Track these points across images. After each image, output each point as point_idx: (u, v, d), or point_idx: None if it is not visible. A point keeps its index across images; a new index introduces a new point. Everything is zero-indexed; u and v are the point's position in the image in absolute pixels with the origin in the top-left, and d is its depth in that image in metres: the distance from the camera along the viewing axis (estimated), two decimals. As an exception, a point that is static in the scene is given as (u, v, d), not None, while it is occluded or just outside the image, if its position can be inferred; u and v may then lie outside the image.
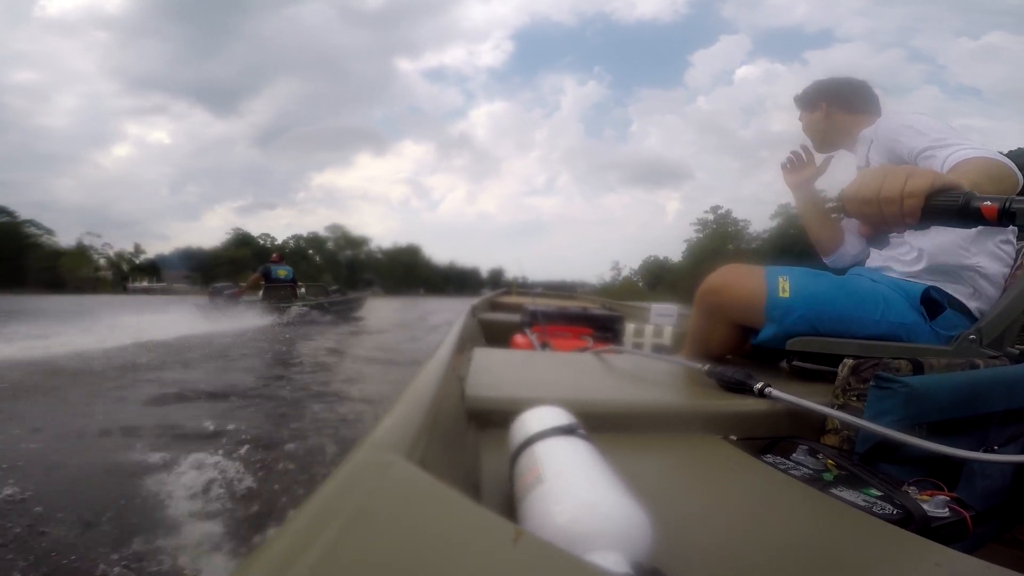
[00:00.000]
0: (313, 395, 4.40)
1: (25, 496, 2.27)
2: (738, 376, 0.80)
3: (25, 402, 3.91)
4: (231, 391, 4.39)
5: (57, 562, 1.86)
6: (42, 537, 1.99)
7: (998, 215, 0.62)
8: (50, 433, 3.17)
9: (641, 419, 0.71)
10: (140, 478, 2.50)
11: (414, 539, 0.20)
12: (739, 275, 1.15)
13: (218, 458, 2.71)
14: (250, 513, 2.25)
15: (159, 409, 3.81)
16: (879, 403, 0.68)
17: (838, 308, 1.07)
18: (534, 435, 0.40)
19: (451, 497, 0.23)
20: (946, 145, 0.99)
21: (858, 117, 1.34)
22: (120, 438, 3.12)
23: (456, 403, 0.61)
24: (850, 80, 1.41)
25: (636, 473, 0.37)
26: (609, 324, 2.03)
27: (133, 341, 6.95)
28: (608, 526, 0.28)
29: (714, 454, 0.64)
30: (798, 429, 0.73)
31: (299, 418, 3.65)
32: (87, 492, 2.38)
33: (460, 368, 0.83)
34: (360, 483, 0.24)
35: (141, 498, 2.33)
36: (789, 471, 0.58)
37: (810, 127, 1.44)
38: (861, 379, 0.75)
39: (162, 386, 4.45)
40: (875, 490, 0.54)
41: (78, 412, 3.65)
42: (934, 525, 0.50)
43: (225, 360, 6.09)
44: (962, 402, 0.72)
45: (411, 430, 0.32)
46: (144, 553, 1.93)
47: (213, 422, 3.34)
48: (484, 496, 0.45)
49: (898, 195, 0.68)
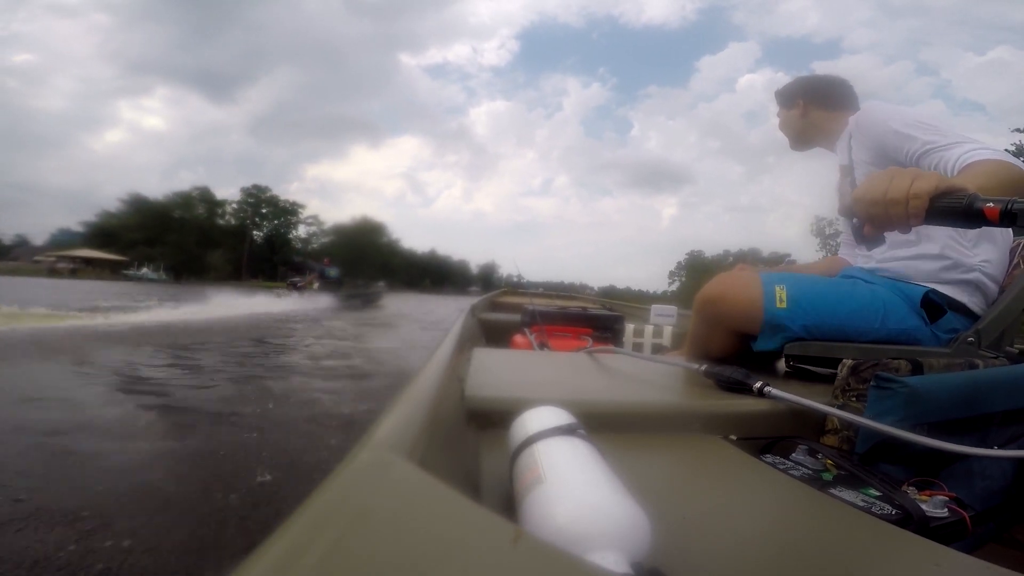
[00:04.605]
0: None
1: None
2: (737, 376, 0.80)
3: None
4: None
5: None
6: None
7: (1000, 216, 0.63)
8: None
9: (640, 419, 0.71)
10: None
11: (414, 539, 0.20)
12: (736, 284, 1.15)
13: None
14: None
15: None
16: (879, 403, 0.68)
17: (838, 317, 1.06)
18: (534, 435, 0.40)
19: (451, 497, 0.23)
20: (957, 145, 0.98)
21: (835, 114, 1.34)
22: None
23: (456, 403, 0.61)
24: (830, 77, 1.41)
25: (636, 473, 0.37)
26: (609, 324, 2.03)
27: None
28: (608, 526, 0.28)
29: (714, 454, 0.64)
30: (797, 429, 0.73)
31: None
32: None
33: (460, 368, 0.83)
34: (360, 483, 0.24)
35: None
36: (788, 471, 0.58)
37: (786, 124, 1.43)
38: (860, 379, 0.75)
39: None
40: (874, 490, 0.54)
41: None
42: (933, 525, 0.50)
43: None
44: (962, 402, 0.72)
45: (411, 430, 0.32)
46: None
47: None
48: (484, 496, 0.45)
49: (904, 197, 0.69)
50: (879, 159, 1.13)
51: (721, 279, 1.19)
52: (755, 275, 1.14)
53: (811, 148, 1.42)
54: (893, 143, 1.09)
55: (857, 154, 1.20)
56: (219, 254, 56.55)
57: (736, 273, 1.21)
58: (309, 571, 0.17)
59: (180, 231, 55.28)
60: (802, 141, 1.42)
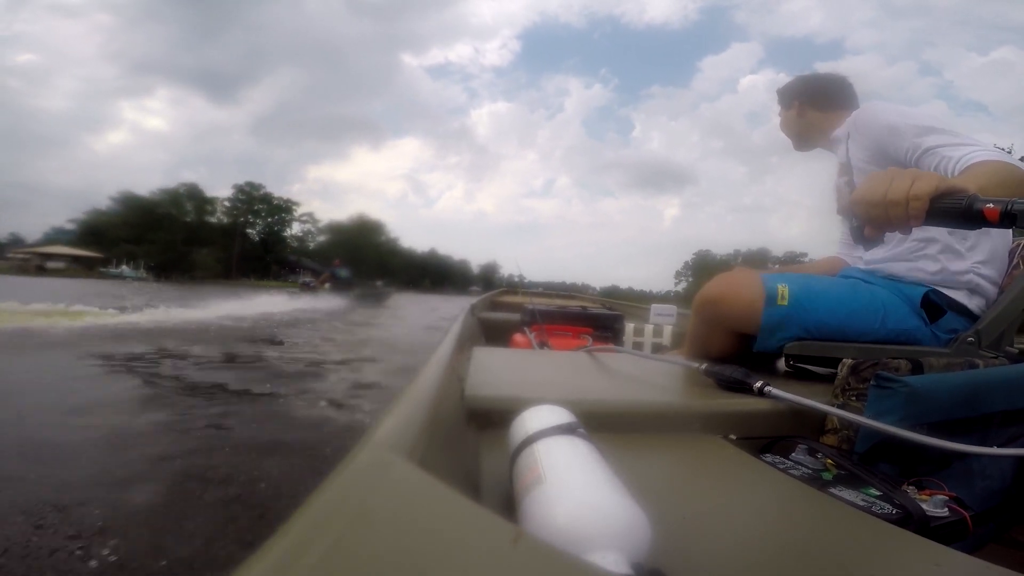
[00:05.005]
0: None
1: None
2: (737, 375, 0.80)
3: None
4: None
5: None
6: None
7: (1000, 217, 0.64)
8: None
9: (640, 418, 0.71)
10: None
11: (414, 539, 0.20)
12: (737, 283, 1.14)
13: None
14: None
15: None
16: (879, 403, 0.68)
17: (838, 317, 1.06)
18: (534, 434, 0.40)
19: (451, 497, 0.23)
20: (958, 145, 0.98)
21: (832, 115, 1.32)
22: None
23: (456, 403, 0.61)
24: (825, 77, 1.39)
25: (636, 473, 0.37)
26: (609, 324, 2.03)
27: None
28: (608, 526, 0.28)
29: (714, 454, 0.64)
30: (797, 428, 0.73)
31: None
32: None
33: (460, 367, 0.83)
34: (360, 483, 0.24)
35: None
36: (788, 470, 0.58)
37: (786, 125, 1.43)
38: (861, 379, 0.75)
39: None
40: (874, 489, 0.54)
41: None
42: (933, 525, 0.50)
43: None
44: (962, 402, 0.72)
45: (411, 430, 0.32)
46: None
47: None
48: (484, 496, 0.45)
49: (904, 198, 0.69)
50: (878, 159, 1.12)
51: (721, 279, 1.18)
52: (755, 275, 1.14)
53: (813, 149, 1.41)
54: (892, 143, 1.09)
55: (855, 154, 1.19)
56: (206, 252, 55.86)
57: (736, 273, 1.20)
58: (309, 571, 0.17)
59: (167, 228, 54.83)
60: (803, 141, 1.41)
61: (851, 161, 1.21)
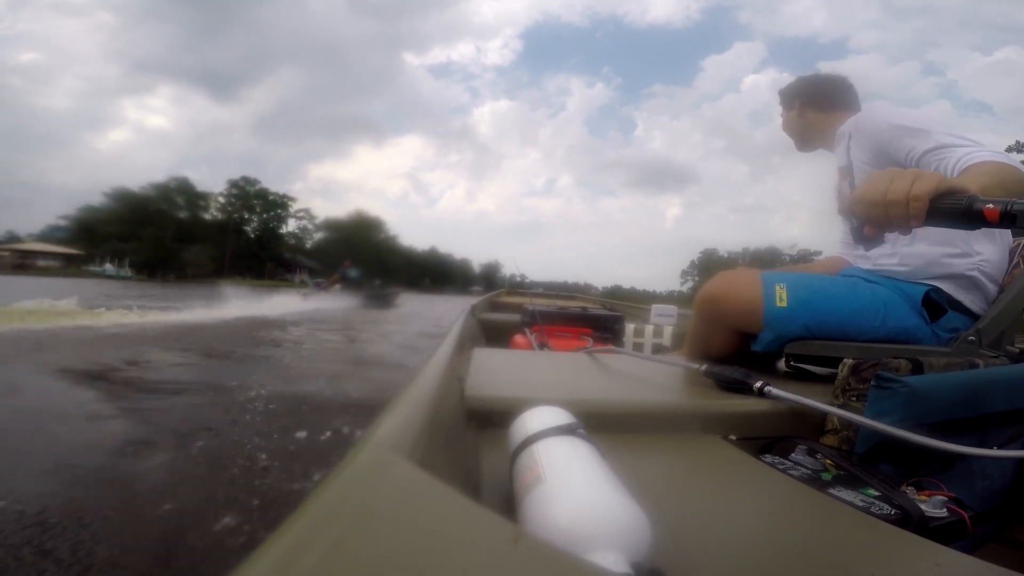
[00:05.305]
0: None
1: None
2: (737, 375, 0.80)
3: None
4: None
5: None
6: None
7: (1000, 218, 0.64)
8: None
9: (640, 419, 0.71)
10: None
11: (414, 539, 0.20)
12: (736, 283, 1.15)
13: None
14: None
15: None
16: (879, 403, 0.68)
17: (838, 316, 1.06)
18: (534, 435, 0.40)
19: (451, 497, 0.23)
20: (958, 146, 0.98)
21: (832, 116, 1.33)
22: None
23: (456, 403, 0.61)
24: (825, 78, 1.40)
25: (636, 473, 0.37)
26: (609, 324, 2.03)
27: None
28: (608, 526, 0.28)
29: (713, 454, 0.64)
30: (797, 429, 0.73)
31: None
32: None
33: (460, 368, 0.83)
34: (360, 483, 0.24)
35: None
36: (788, 471, 0.58)
37: (788, 126, 1.43)
38: (861, 379, 0.75)
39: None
40: (873, 490, 0.54)
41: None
42: (932, 525, 0.50)
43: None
44: (962, 402, 0.72)
45: (411, 430, 0.32)
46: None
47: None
48: (484, 496, 0.45)
49: (904, 198, 0.69)
50: (878, 160, 1.13)
51: (721, 277, 1.18)
52: (755, 274, 1.14)
53: (814, 149, 1.41)
54: (893, 144, 1.09)
55: (856, 155, 1.19)
56: (196, 250, 54.29)
57: (736, 272, 1.21)
58: (310, 571, 0.17)
59: (157, 224, 53.35)
60: (804, 142, 1.41)
61: (852, 162, 1.21)
